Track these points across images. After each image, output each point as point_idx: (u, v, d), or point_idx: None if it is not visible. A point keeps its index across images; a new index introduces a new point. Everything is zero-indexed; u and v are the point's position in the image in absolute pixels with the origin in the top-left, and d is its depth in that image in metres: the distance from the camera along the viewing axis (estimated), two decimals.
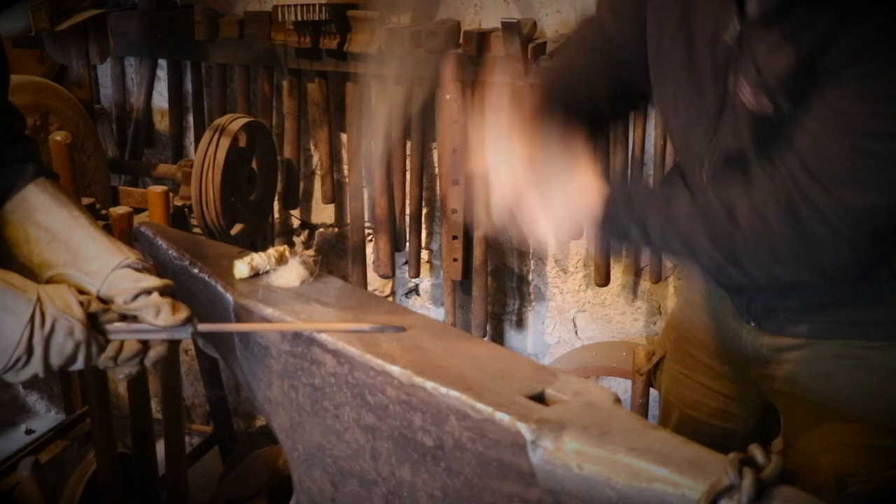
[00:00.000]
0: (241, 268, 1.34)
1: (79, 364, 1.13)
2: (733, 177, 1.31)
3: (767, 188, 1.24)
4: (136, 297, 1.17)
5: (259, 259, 1.35)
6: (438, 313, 2.99)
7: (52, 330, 1.10)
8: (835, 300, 1.43)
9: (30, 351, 1.09)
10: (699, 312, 1.68)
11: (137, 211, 2.14)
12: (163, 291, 1.18)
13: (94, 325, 1.14)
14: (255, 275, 1.35)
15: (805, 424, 1.53)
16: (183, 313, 1.17)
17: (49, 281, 1.19)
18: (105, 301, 1.18)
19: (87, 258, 1.20)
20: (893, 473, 1.48)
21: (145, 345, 1.17)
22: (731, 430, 1.68)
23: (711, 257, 1.30)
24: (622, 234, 1.35)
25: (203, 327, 1.20)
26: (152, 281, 1.18)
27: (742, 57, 1.27)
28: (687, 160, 1.47)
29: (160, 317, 1.16)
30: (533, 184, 1.30)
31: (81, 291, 1.17)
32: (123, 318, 1.17)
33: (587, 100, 1.50)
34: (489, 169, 1.33)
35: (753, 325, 1.54)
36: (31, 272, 1.20)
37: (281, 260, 1.36)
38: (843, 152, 1.19)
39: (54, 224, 1.23)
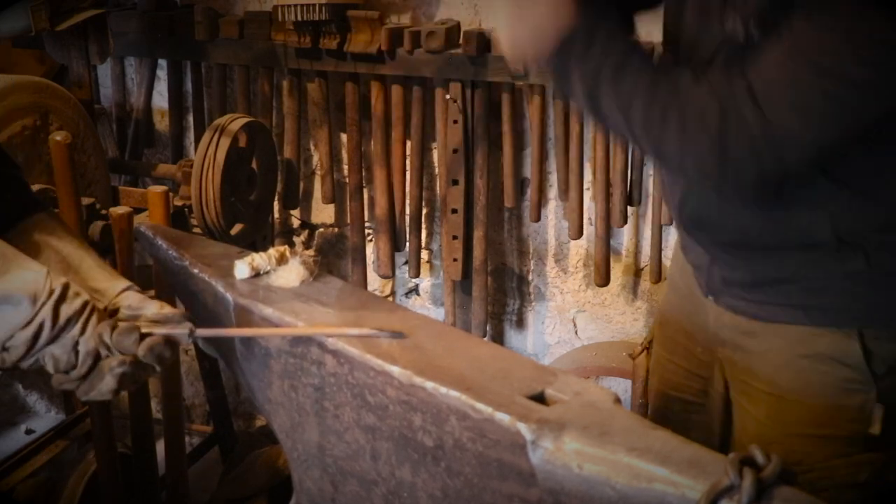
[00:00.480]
0: (242, 268, 1.35)
1: (78, 326, 1.15)
2: None
3: (714, 94, 1.27)
4: (141, 303, 1.22)
5: (260, 259, 1.35)
6: (438, 313, 2.99)
7: (66, 286, 1.16)
8: (784, 277, 1.45)
9: (50, 293, 1.14)
10: (677, 295, 1.71)
11: (137, 211, 2.14)
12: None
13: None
14: (256, 275, 1.35)
15: (759, 414, 1.54)
16: (183, 310, 1.21)
17: None
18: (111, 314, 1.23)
19: (96, 280, 1.26)
20: (839, 462, 1.49)
21: (143, 337, 1.18)
22: (711, 409, 1.69)
23: (638, 126, 1.31)
24: (566, 77, 1.35)
25: (202, 332, 1.21)
26: (157, 302, 1.24)
27: None
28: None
29: (164, 309, 1.20)
30: None
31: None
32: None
33: None
34: None
35: (711, 299, 1.57)
36: None
37: (281, 260, 1.37)
38: (791, 80, 1.23)
39: (63, 249, 1.30)
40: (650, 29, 1.65)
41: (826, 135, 1.27)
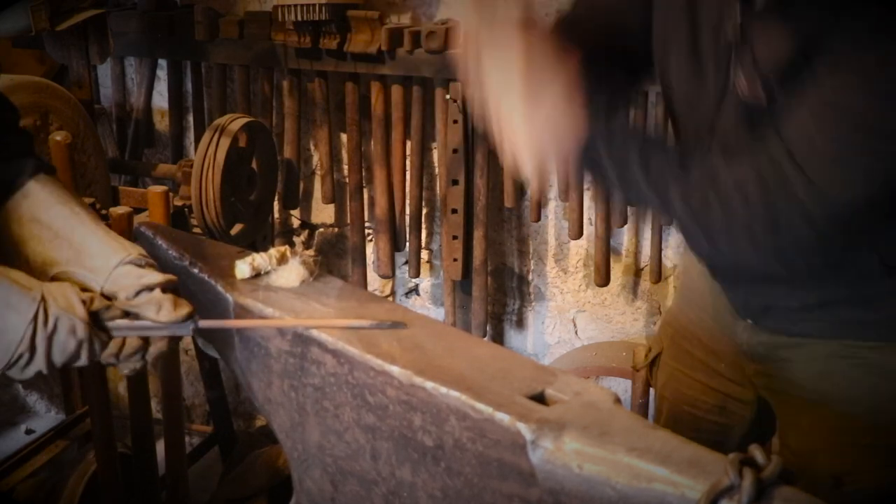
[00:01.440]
0: (243, 268, 1.34)
1: (82, 361, 1.14)
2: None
3: (752, 165, 1.24)
4: (137, 293, 1.18)
5: (261, 259, 1.35)
6: (438, 313, 2.99)
7: (55, 329, 1.11)
8: (832, 300, 1.44)
9: (32, 349, 1.10)
10: (696, 309, 1.69)
11: (137, 211, 2.14)
12: (165, 287, 1.19)
13: (97, 322, 1.14)
14: (257, 275, 1.35)
15: (801, 423, 1.53)
16: (184, 309, 1.18)
17: (53, 279, 1.21)
18: (108, 297, 1.19)
19: (90, 255, 1.21)
20: (888, 472, 1.48)
21: (147, 341, 1.18)
22: (729, 426, 1.69)
23: (681, 214, 1.29)
24: (598, 169, 1.33)
25: (204, 324, 1.20)
26: (154, 277, 1.19)
27: (741, 48, 1.28)
28: (687, 145, 1.47)
29: (161, 313, 1.16)
30: (520, 99, 1.28)
31: (85, 289, 1.17)
32: (126, 314, 1.18)
33: (597, 42, 1.46)
34: (483, 74, 1.30)
35: (750, 322, 1.54)
36: (35, 270, 1.21)
37: (282, 260, 1.36)
38: (829, 143, 1.19)
39: (56, 221, 1.24)
40: None
41: (874, 188, 1.21)
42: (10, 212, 1.25)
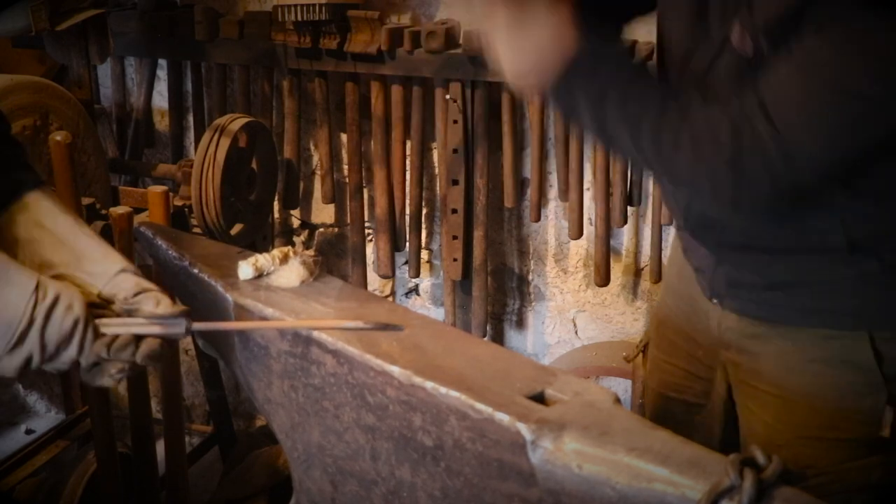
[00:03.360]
0: (246, 269, 1.34)
1: (73, 348, 1.12)
2: None
3: (725, 111, 1.26)
4: (136, 294, 1.19)
5: (263, 260, 1.35)
6: (438, 313, 2.99)
7: (55, 302, 1.10)
8: (797, 281, 1.45)
9: (31, 322, 1.09)
10: (675, 296, 1.70)
11: (137, 211, 2.14)
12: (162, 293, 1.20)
13: (92, 315, 1.15)
14: (259, 276, 1.35)
15: (766, 416, 1.54)
16: (181, 307, 1.19)
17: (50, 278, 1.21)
18: (105, 300, 1.19)
19: (91, 261, 1.22)
20: (850, 466, 1.48)
21: (138, 341, 1.18)
22: (712, 412, 1.69)
23: (648, 148, 1.30)
24: (571, 94, 1.33)
25: (198, 326, 1.21)
26: (153, 286, 1.21)
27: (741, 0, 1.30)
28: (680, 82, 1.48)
29: (160, 307, 1.17)
30: (509, 10, 1.28)
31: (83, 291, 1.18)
32: (122, 314, 1.18)
33: None
34: None
35: (716, 302, 1.56)
36: (33, 270, 1.21)
37: (284, 261, 1.37)
38: (804, 97, 1.22)
39: (60, 228, 1.25)
40: (651, 29, 1.65)
41: (840, 150, 1.25)
42: (11, 217, 1.26)
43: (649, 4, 1.52)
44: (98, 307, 1.17)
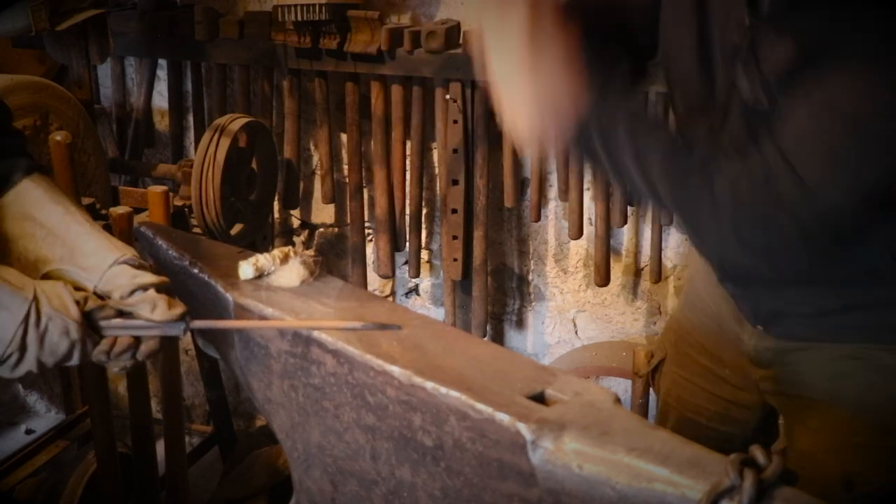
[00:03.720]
0: (247, 269, 1.34)
1: (73, 361, 1.13)
2: None
3: (744, 163, 1.24)
4: (132, 292, 1.18)
5: (264, 260, 1.35)
6: (438, 313, 2.99)
7: (47, 329, 1.10)
8: (847, 306, 1.43)
9: (23, 349, 1.10)
10: (700, 315, 1.68)
11: (137, 211, 2.14)
12: (159, 288, 1.19)
13: (90, 321, 1.14)
14: (260, 276, 1.35)
15: (811, 424, 1.52)
16: (178, 309, 1.18)
17: (46, 277, 1.20)
18: (101, 296, 1.18)
19: (84, 254, 1.21)
20: None
21: (138, 340, 1.18)
22: (731, 434, 1.68)
23: (670, 202, 1.28)
24: (592, 149, 1.31)
25: (197, 324, 1.21)
26: (149, 277, 1.19)
27: (746, 49, 1.28)
28: (692, 142, 1.46)
29: (156, 312, 1.16)
30: (520, 68, 1.27)
31: (78, 288, 1.17)
32: (119, 313, 1.17)
33: (602, 23, 1.46)
34: (486, 42, 1.29)
35: (760, 328, 1.53)
36: (27, 267, 1.20)
37: (285, 261, 1.36)
38: (822, 143, 1.19)
39: (50, 220, 1.23)
40: None
41: (867, 190, 1.21)
42: (2, 209, 1.25)
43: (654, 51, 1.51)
44: (95, 311, 1.16)
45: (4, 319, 1.09)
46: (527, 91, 1.28)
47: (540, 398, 1.08)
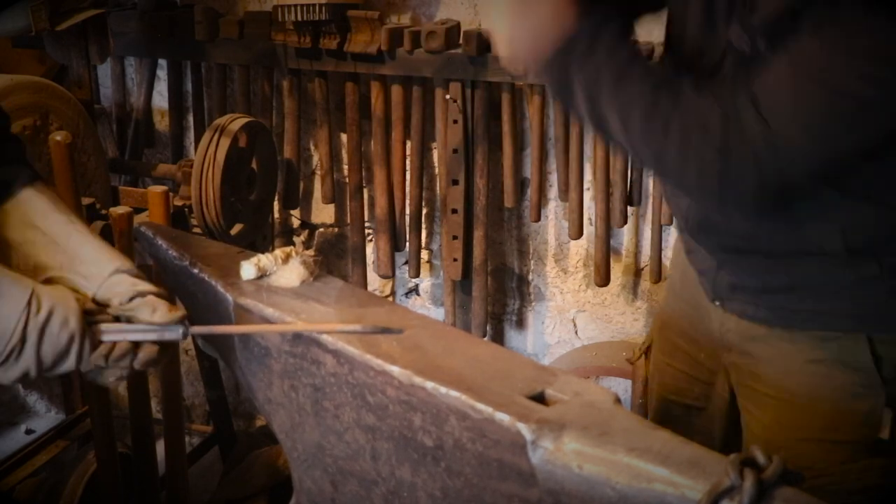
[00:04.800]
0: (248, 269, 1.34)
1: (70, 361, 1.11)
2: None
3: (718, 102, 1.26)
4: (132, 298, 1.17)
5: (266, 260, 1.35)
6: (438, 313, 2.99)
7: (48, 318, 1.09)
8: (796, 285, 1.45)
9: (24, 339, 1.08)
10: (678, 298, 1.71)
11: (137, 211, 2.14)
12: (158, 295, 1.19)
13: (88, 322, 1.13)
14: (261, 276, 1.35)
15: (764, 418, 1.54)
16: (178, 312, 1.18)
17: (45, 282, 1.19)
18: (100, 304, 1.18)
19: (85, 262, 1.20)
20: (849, 468, 1.49)
21: (136, 346, 1.17)
22: (712, 415, 1.70)
23: (638, 132, 1.29)
24: (564, 82, 1.31)
25: (196, 330, 1.20)
26: (148, 286, 1.19)
27: None
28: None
29: (157, 314, 1.16)
30: None
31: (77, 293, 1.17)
32: (117, 320, 1.17)
33: None
34: None
35: (718, 304, 1.56)
36: (26, 273, 1.19)
37: (287, 261, 1.36)
38: (796, 94, 1.22)
39: (51, 228, 1.23)
40: (651, 28, 1.65)
41: (829, 150, 1.25)
42: (4, 215, 1.24)
43: (658, 3, 1.52)
44: (93, 313, 1.16)
45: (5, 309, 1.07)
46: (515, 9, 1.28)
47: (540, 398, 1.08)
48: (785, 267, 1.45)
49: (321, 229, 3.07)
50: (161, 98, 3.03)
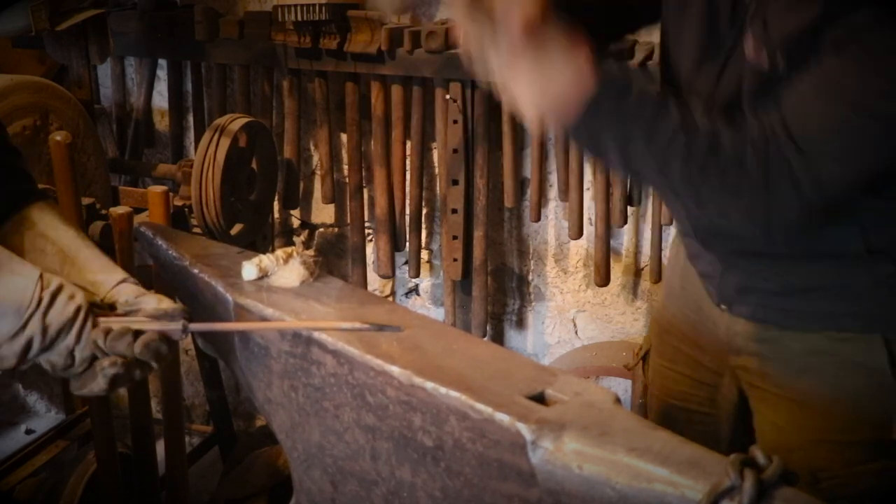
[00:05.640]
0: (250, 269, 1.34)
1: (72, 335, 1.13)
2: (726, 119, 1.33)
3: (750, 133, 1.26)
4: (136, 298, 1.21)
5: (268, 261, 1.35)
6: (438, 313, 2.99)
7: (59, 289, 1.13)
8: (812, 286, 1.44)
9: (38, 305, 1.12)
10: (678, 302, 1.69)
11: (137, 211, 2.14)
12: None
13: (93, 314, 1.16)
14: (262, 276, 1.35)
15: (777, 420, 1.53)
16: (181, 306, 1.21)
17: None
18: (107, 305, 1.22)
19: (93, 271, 1.25)
20: (864, 469, 1.48)
21: (137, 334, 1.18)
22: (718, 419, 1.69)
23: (679, 184, 1.29)
24: (595, 142, 1.30)
25: (195, 326, 1.21)
26: (154, 294, 1.23)
27: (755, 10, 1.29)
28: (686, 95, 1.45)
29: (162, 304, 1.20)
30: (527, 47, 1.24)
31: None
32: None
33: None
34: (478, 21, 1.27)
35: (724, 308, 1.55)
36: None
37: (288, 261, 1.36)
38: (826, 119, 1.21)
39: (61, 240, 1.28)
40: (651, 28, 1.64)
41: (864, 169, 1.25)
42: (13, 227, 1.28)
43: (653, 15, 1.52)
44: (100, 308, 1.18)
45: (20, 282, 1.12)
46: (534, 74, 1.25)
47: (540, 398, 1.08)
48: (801, 269, 1.44)
49: (321, 229, 3.07)
50: (161, 98, 3.03)
